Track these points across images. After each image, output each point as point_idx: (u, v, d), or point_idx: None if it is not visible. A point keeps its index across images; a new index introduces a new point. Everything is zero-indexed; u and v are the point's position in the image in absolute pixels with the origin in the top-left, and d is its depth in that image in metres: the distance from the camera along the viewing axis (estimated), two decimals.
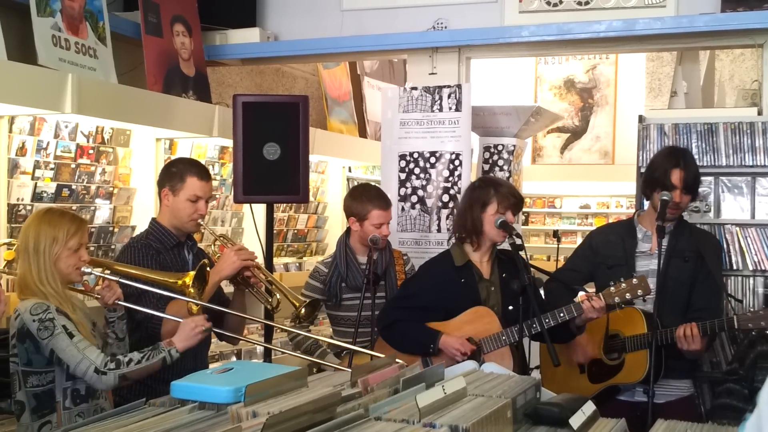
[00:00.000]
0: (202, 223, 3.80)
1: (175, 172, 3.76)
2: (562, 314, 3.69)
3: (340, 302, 4.35)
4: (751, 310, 4.35)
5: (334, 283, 4.34)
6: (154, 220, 3.83)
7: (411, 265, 4.56)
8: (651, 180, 3.98)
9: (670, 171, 3.90)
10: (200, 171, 3.81)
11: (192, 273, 3.41)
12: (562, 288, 4.06)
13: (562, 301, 3.82)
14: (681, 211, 3.99)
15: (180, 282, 3.39)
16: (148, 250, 3.68)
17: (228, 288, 4.01)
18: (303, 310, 3.84)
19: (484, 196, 3.91)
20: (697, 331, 3.72)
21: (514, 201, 3.89)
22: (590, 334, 4.01)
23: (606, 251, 4.09)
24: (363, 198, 4.33)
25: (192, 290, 3.39)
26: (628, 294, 3.68)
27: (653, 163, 4.03)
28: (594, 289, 4.18)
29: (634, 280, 3.69)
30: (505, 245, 3.91)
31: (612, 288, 3.71)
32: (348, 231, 4.43)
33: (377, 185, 4.86)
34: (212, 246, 4.11)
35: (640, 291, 3.67)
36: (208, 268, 3.53)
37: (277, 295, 3.90)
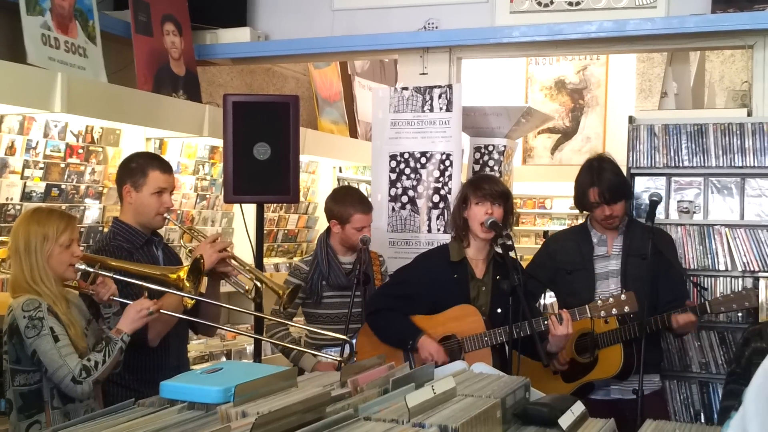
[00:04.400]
0: (168, 216, 3.71)
1: (136, 168, 3.65)
2: (517, 329, 3.66)
3: (320, 300, 4.39)
4: (722, 293, 4.44)
5: (315, 281, 4.38)
6: (116, 219, 3.70)
7: (386, 267, 4.64)
8: (577, 201, 4.15)
9: (587, 191, 4.03)
10: (161, 163, 3.72)
11: (186, 267, 3.39)
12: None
13: (533, 311, 3.84)
14: (616, 221, 4.07)
15: (174, 276, 3.37)
16: (121, 251, 3.57)
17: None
18: (285, 297, 3.85)
19: (465, 191, 3.97)
20: (694, 316, 3.85)
21: (489, 191, 3.85)
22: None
23: (564, 257, 4.17)
24: (345, 202, 4.39)
25: (188, 284, 3.37)
26: (614, 309, 3.70)
27: (575, 184, 4.14)
28: (552, 292, 4.25)
29: (623, 296, 3.71)
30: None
31: (599, 302, 3.73)
32: (328, 231, 4.48)
33: (358, 188, 4.87)
34: (181, 239, 4.05)
35: (627, 308, 3.69)
36: (202, 260, 3.49)
37: (257, 283, 3.87)
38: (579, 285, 3.96)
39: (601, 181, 3.98)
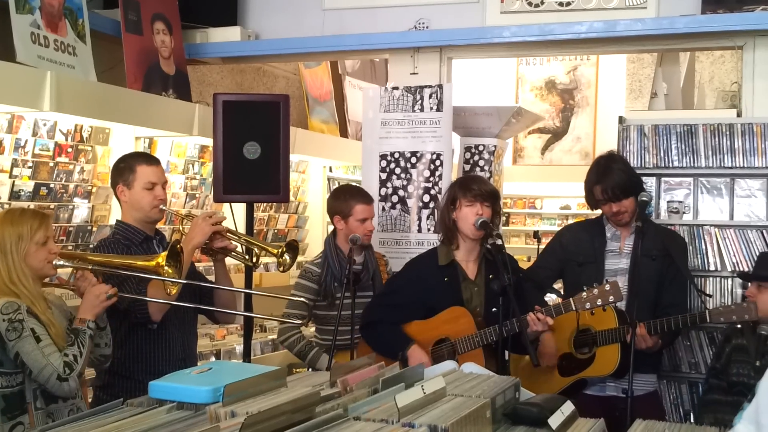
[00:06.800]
0: (164, 208, 3.78)
1: (124, 167, 3.75)
2: (506, 327, 3.69)
3: (334, 302, 4.30)
4: (723, 304, 4.46)
5: (329, 283, 4.33)
6: (118, 221, 3.81)
7: (390, 267, 4.65)
8: (587, 199, 4.19)
9: (593, 189, 4.09)
10: (148, 158, 3.83)
11: (164, 253, 3.41)
12: (533, 290, 4.08)
13: (535, 302, 3.87)
14: (625, 217, 4.08)
15: (154, 263, 3.39)
16: (117, 245, 3.66)
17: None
18: (286, 257, 3.95)
19: (453, 193, 3.98)
20: (644, 330, 3.85)
21: (479, 192, 3.87)
22: (559, 331, 4.03)
23: (576, 248, 4.18)
24: (345, 195, 4.39)
25: (170, 270, 3.39)
26: (599, 300, 3.72)
27: (584, 182, 4.17)
28: (561, 285, 4.26)
29: (607, 285, 3.72)
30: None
31: (584, 293, 3.74)
32: (334, 232, 4.45)
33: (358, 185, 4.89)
34: (182, 227, 4.10)
35: (611, 297, 3.72)
36: (179, 245, 3.51)
37: (255, 249, 4.03)
38: (587, 278, 3.91)
39: (606, 179, 4.02)
